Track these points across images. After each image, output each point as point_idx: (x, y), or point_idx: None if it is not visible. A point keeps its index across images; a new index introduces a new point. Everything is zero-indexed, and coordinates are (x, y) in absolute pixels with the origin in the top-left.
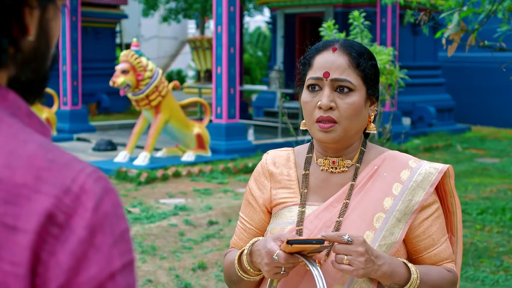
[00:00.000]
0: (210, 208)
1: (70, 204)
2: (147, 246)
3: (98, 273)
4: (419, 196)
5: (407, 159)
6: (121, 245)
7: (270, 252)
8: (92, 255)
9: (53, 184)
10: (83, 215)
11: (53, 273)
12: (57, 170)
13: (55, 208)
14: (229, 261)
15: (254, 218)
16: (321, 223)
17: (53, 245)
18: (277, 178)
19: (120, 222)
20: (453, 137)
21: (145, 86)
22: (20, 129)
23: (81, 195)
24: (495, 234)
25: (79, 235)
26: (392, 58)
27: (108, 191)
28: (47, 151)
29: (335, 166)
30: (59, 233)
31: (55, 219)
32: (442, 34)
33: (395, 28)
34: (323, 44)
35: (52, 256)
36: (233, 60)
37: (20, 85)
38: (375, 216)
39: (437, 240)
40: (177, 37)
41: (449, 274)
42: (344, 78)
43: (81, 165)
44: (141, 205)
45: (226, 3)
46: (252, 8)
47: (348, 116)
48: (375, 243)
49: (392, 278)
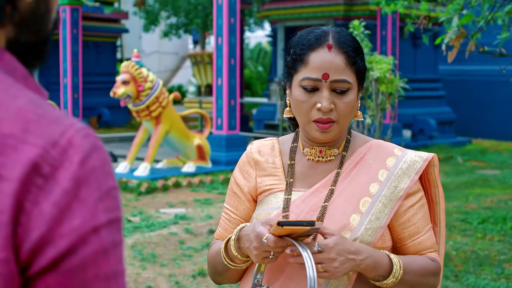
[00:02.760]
0: (211, 217)
1: (57, 157)
2: (147, 254)
3: (81, 225)
4: (404, 183)
5: (393, 148)
6: (107, 201)
7: (259, 235)
8: (76, 207)
9: (41, 136)
10: (69, 168)
11: (35, 223)
12: (46, 124)
13: (41, 159)
14: (214, 251)
15: (239, 207)
16: (307, 207)
17: (37, 195)
18: (262, 166)
19: (107, 179)
20: (454, 149)
21: (145, 97)
22: (11, 85)
23: (69, 149)
24: (496, 243)
25: (63, 187)
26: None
27: (96, 147)
28: (37, 106)
29: (322, 155)
30: (43, 184)
31: (40, 170)
32: (442, 40)
33: (395, 40)
34: (316, 39)
35: (35, 206)
36: (233, 72)
37: (20, 47)
38: (361, 201)
39: (421, 229)
40: (178, 52)
41: (433, 264)
42: (343, 79)
43: (71, 121)
44: (142, 214)
45: (227, 14)
46: (253, 23)
47: (346, 114)
48: (362, 226)
49: (375, 270)
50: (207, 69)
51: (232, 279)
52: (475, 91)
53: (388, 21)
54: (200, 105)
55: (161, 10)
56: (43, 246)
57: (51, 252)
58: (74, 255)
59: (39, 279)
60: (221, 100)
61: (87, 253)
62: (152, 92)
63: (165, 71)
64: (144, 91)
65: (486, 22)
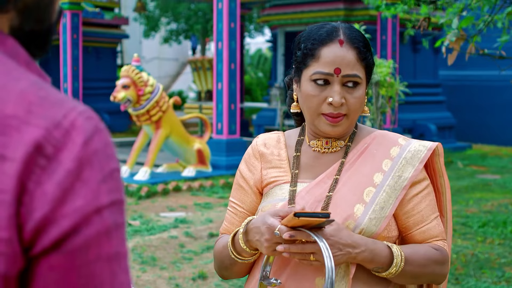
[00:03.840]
0: (211, 221)
1: (60, 138)
2: (147, 257)
3: (84, 205)
4: (408, 173)
5: (397, 137)
6: (110, 183)
7: (271, 227)
8: (79, 187)
9: (44, 118)
10: (71, 149)
11: (38, 203)
12: (48, 106)
13: (44, 140)
14: (221, 246)
15: (246, 201)
16: (312, 198)
17: (40, 176)
18: (267, 158)
19: (110, 161)
20: (454, 154)
21: (145, 101)
22: (14, 68)
23: (71, 131)
24: (496, 246)
25: (66, 167)
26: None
27: (99, 130)
28: (40, 88)
29: (328, 146)
30: (46, 164)
31: (43, 151)
32: (442, 43)
33: (395, 45)
34: (327, 34)
35: (38, 186)
36: (233, 76)
37: (23, 36)
38: (365, 190)
39: (427, 217)
40: (178, 58)
41: (437, 253)
42: (355, 74)
43: (74, 103)
44: (142, 218)
45: (227, 19)
46: (253, 29)
47: (356, 109)
48: (365, 216)
49: (374, 263)
50: (207, 75)
51: (239, 273)
52: (475, 96)
53: (388, 26)
54: (200, 110)
55: (161, 16)
56: (46, 226)
57: (54, 232)
58: (77, 235)
59: (42, 259)
60: (221, 104)
61: (89, 234)
62: (152, 96)
63: (165, 77)
64: (144, 95)
65: (486, 25)
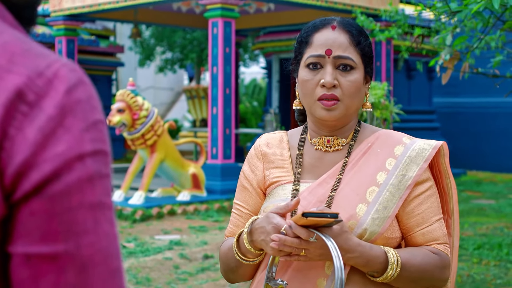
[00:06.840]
0: (206, 243)
1: (42, 86)
2: (142, 277)
3: (66, 150)
4: (412, 171)
5: (401, 136)
6: (94, 132)
7: (277, 226)
8: (61, 133)
9: (26, 67)
10: (54, 97)
11: (19, 147)
12: (32, 56)
13: (26, 87)
14: (226, 248)
15: (250, 202)
16: (315, 198)
17: (21, 122)
18: (270, 158)
19: (94, 112)
20: None
21: (140, 125)
22: None
23: (54, 80)
24: (492, 267)
25: (48, 113)
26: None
27: (83, 82)
28: (24, 42)
29: (330, 145)
30: (28, 111)
31: (25, 97)
32: (436, 62)
33: (389, 71)
34: (321, 21)
35: (20, 131)
36: (228, 101)
37: (10, 7)
38: (368, 190)
39: (428, 219)
40: (173, 87)
41: (435, 257)
42: (347, 56)
43: (58, 56)
44: (136, 241)
45: (222, 44)
46: (248, 58)
47: (350, 93)
48: (368, 216)
49: (368, 267)
50: (202, 103)
51: (245, 276)
52: (470, 123)
53: (382, 52)
54: (195, 137)
55: (157, 45)
56: (27, 170)
57: (35, 176)
58: (58, 181)
59: (23, 205)
60: (216, 129)
61: (71, 179)
62: (147, 121)
63: (160, 104)
64: (139, 119)
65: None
